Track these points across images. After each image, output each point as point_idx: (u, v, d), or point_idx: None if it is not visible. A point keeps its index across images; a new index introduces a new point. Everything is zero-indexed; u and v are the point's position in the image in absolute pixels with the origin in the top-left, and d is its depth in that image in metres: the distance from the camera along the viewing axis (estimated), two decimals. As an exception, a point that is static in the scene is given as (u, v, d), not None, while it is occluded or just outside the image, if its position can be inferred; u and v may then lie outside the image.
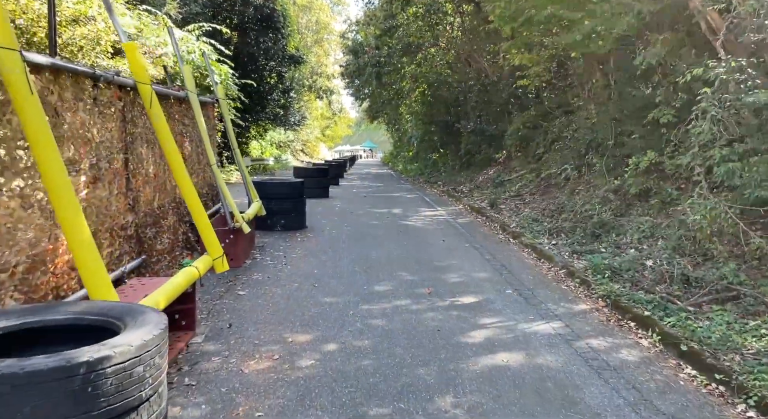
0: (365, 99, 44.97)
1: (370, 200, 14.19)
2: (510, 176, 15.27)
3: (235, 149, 7.69)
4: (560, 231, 8.43)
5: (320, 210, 11.62)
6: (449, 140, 25.45)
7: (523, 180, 13.70)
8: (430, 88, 24.42)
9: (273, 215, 8.63)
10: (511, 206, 11.64)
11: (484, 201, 12.97)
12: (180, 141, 5.91)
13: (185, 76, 5.79)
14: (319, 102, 56.48)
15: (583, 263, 6.66)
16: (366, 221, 10.25)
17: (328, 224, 9.73)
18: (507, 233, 8.91)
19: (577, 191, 10.32)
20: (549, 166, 12.61)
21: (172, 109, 5.55)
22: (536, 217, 9.71)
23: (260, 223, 8.47)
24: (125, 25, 13.76)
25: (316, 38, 50.70)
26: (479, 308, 5.05)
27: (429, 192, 17.60)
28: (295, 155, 52.50)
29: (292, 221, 8.82)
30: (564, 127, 13.07)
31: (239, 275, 5.96)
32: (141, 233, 4.36)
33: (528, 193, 12.37)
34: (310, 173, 14.18)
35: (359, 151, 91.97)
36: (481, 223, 10.34)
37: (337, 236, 8.52)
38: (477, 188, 16.04)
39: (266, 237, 8.23)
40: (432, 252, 7.47)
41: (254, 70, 25.35)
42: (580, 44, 8.88)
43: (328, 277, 6.01)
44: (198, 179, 6.55)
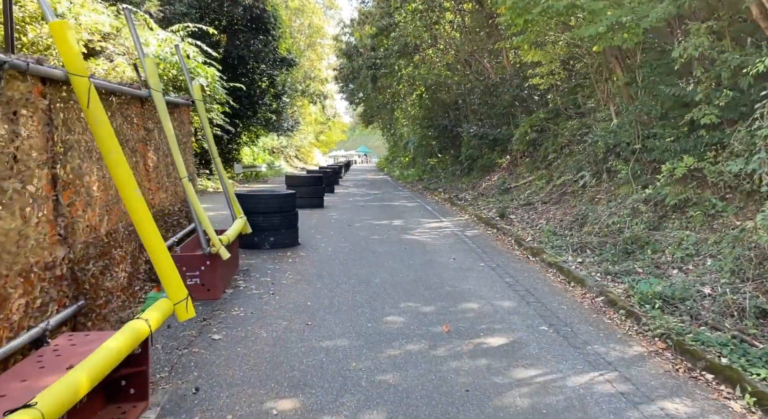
0: (360, 103, 44.16)
1: (368, 210, 13.20)
2: (517, 182, 14.33)
3: (215, 157, 6.69)
4: (585, 247, 7.47)
5: (315, 223, 10.62)
6: (448, 145, 24.53)
7: (533, 187, 12.76)
8: (427, 91, 23.52)
9: (261, 232, 7.63)
10: (522, 216, 10.68)
11: (492, 210, 12.00)
12: (142, 150, 4.91)
13: (147, 72, 4.79)
14: (312, 107, 55.57)
15: (621, 288, 5.70)
16: (365, 235, 9.26)
17: (324, 239, 8.73)
18: (524, 249, 7.94)
19: (596, 199, 9.38)
20: (561, 172, 11.67)
21: (129, 110, 4.55)
22: (554, 229, 8.75)
23: (246, 241, 7.48)
24: (100, 23, 12.77)
25: (309, 42, 49.83)
26: (512, 353, 4.07)
27: (430, 200, 16.63)
28: (289, 161, 51.48)
29: (283, 238, 7.82)
30: (576, 130, 12.15)
31: (217, 311, 4.95)
32: (78, 270, 3.36)
33: (539, 201, 11.42)
34: (303, 181, 13.19)
35: (354, 156, 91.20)
36: (492, 236, 9.37)
37: (334, 254, 7.52)
38: (481, 195, 15.09)
39: (253, 257, 7.22)
40: (443, 274, 6.49)
41: (244, 74, 24.38)
42: (602, 37, 7.95)
43: (324, 311, 5.01)
44: (168, 194, 5.54)
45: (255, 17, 22.58)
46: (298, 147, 58.56)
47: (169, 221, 5.51)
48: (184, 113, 6.32)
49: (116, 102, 4.31)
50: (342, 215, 12.01)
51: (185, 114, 6.37)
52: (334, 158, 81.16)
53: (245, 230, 6.88)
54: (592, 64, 10.75)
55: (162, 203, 5.33)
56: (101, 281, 3.70)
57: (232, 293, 5.53)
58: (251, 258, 7.17)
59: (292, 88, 42.84)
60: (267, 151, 40.39)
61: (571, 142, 12.31)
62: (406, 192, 20.23)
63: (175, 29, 17.63)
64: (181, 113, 6.13)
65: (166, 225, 5.41)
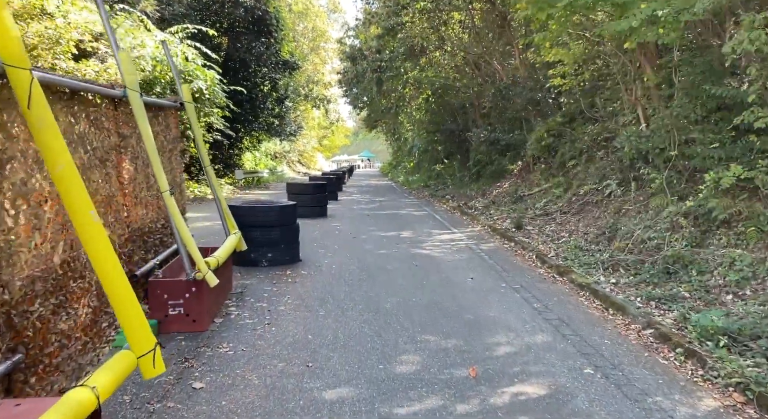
0: (363, 108, 43.53)
1: (374, 220, 12.47)
2: (531, 190, 13.58)
3: (207, 166, 5.97)
4: (618, 265, 6.72)
5: (317, 235, 9.89)
6: (455, 150, 23.83)
7: (549, 195, 12.01)
8: (434, 95, 22.83)
9: (258, 248, 6.91)
10: (541, 227, 9.92)
11: (506, 220, 11.25)
12: (117, 160, 4.19)
13: (122, 68, 4.08)
14: (315, 111, 55.00)
15: (671, 317, 4.94)
16: (372, 249, 8.52)
17: (327, 254, 7.99)
18: (548, 267, 7.19)
19: (623, 211, 8.63)
20: (582, 180, 10.92)
21: (98, 113, 3.83)
22: (580, 244, 7.99)
23: (242, 258, 6.75)
24: (91, 22, 12.11)
25: (312, 46, 49.29)
26: (557, 409, 3.32)
27: (438, 208, 15.89)
28: (292, 166, 50.87)
29: (282, 255, 7.08)
30: (596, 134, 11.41)
31: (202, 347, 4.21)
32: (16, 314, 2.63)
33: (558, 211, 10.67)
34: (305, 189, 12.48)
35: (357, 161, 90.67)
36: (510, 250, 8.61)
37: (338, 273, 6.78)
38: (492, 203, 14.34)
39: (248, 277, 6.48)
40: (461, 297, 5.74)
41: (246, 77, 23.75)
42: (635, 33, 7.22)
43: (327, 347, 4.27)
44: (149, 210, 4.82)
45: (257, 19, 21.95)
46: (301, 152, 57.99)
47: (150, 241, 4.78)
48: (171, 116, 5.61)
49: (80, 103, 3.60)
50: (346, 226, 11.28)
51: (172, 118, 5.66)
52: (337, 163, 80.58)
53: (240, 247, 6.15)
54: (616, 64, 10.02)
55: (141, 220, 4.61)
56: (52, 324, 2.97)
57: (222, 324, 4.79)
58: (247, 278, 6.44)
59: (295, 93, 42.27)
60: (269, 156, 39.76)
61: (591, 148, 11.57)
62: (412, 199, 19.50)
63: (173, 31, 17.00)
64: (166, 116, 5.42)
65: (146, 246, 4.69)
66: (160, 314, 4.48)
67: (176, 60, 15.59)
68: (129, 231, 4.31)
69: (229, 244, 5.57)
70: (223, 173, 24.64)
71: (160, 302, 4.48)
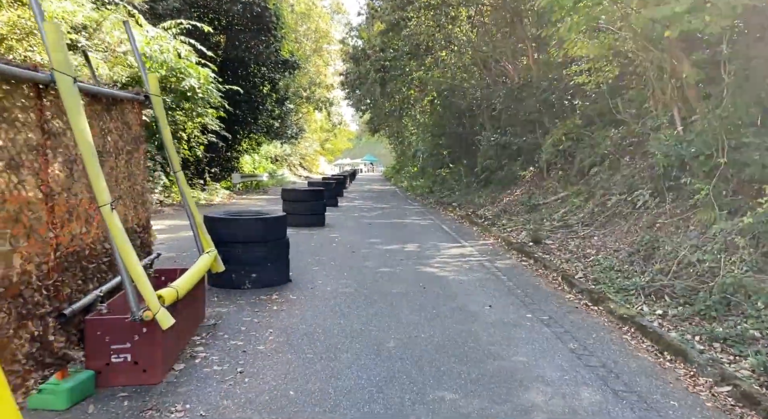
0: (366, 111, 42.65)
1: (376, 230, 11.48)
2: (546, 198, 12.57)
3: (177, 171, 4.99)
4: (662, 292, 5.71)
5: (312, 247, 8.90)
6: (462, 154, 22.83)
7: (567, 205, 11.00)
8: (439, 96, 21.86)
9: (240, 267, 5.93)
10: (562, 241, 8.91)
11: (522, 233, 10.24)
12: (40, 163, 3.21)
13: (48, 43, 3.11)
14: (318, 114, 54.14)
15: (746, 367, 3.94)
16: (373, 266, 7.53)
17: (322, 273, 7.00)
18: (578, 292, 6.18)
19: (658, 225, 7.62)
20: (606, 188, 9.91)
21: (7, 102, 2.86)
22: (610, 263, 6.99)
23: (221, 278, 5.78)
24: (70, 12, 11.18)
25: (315, 47, 48.43)
26: None
27: (444, 217, 14.89)
28: (293, 170, 49.97)
29: (269, 275, 6.09)
30: (621, 138, 10.41)
31: (147, 411, 3.21)
32: None
33: (579, 223, 9.66)
34: (301, 195, 11.50)
35: (360, 165, 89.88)
36: (530, 269, 7.61)
37: (333, 298, 5.79)
38: (504, 212, 13.33)
39: (227, 302, 5.50)
40: (480, 333, 4.74)
41: (245, 77, 22.85)
42: (677, 20, 6.24)
43: (313, 408, 3.27)
44: (92, 227, 3.83)
45: (255, 16, 21.04)
46: (303, 155, 57.12)
47: (92, 267, 3.80)
48: (131, 111, 4.64)
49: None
50: (345, 237, 10.28)
51: (132, 113, 4.69)
52: (339, 167, 79.72)
53: (216, 268, 5.17)
54: (645, 60, 9.02)
55: (78, 241, 3.62)
56: None
57: (183, 372, 3.80)
58: (224, 304, 5.45)
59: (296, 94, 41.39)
60: (269, 159, 38.84)
61: (613, 153, 10.56)
62: (416, 206, 18.51)
63: (166, 26, 16.08)
64: (123, 110, 4.44)
65: (85, 273, 3.71)
66: (100, 362, 3.50)
67: (168, 56, 14.69)
68: (57, 256, 3.33)
69: (199, 267, 4.59)
70: (220, 176, 23.70)
71: (101, 347, 3.50)
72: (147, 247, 4.93)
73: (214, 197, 18.80)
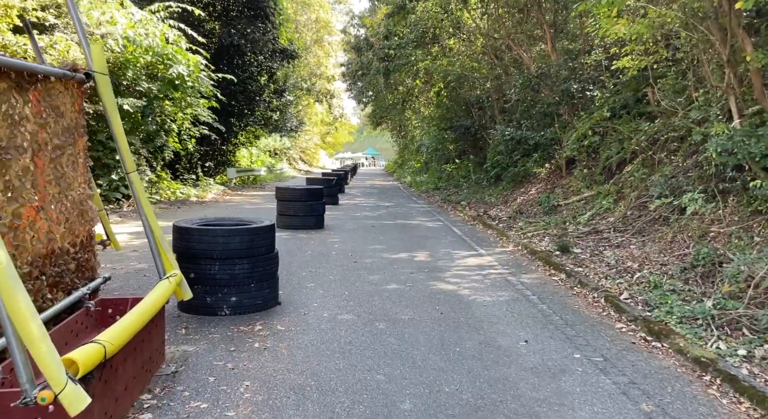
0: (368, 103, 41.45)
1: (380, 233, 10.37)
2: (567, 198, 11.45)
3: (130, 171, 3.87)
4: (738, 322, 4.60)
5: (309, 256, 7.79)
6: (469, 149, 21.70)
7: (594, 207, 9.87)
8: (446, 88, 20.68)
9: (216, 289, 4.82)
10: (593, 250, 7.79)
11: (544, 238, 9.13)
12: None
13: None
14: (318, 107, 52.94)
15: None
16: (379, 282, 6.42)
17: (317, 292, 5.89)
18: (630, 319, 5.06)
19: (712, 234, 6.51)
20: (640, 189, 8.78)
21: None
22: (658, 280, 5.87)
23: (195, 302, 4.68)
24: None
25: (315, 38, 47.14)
26: None
27: (454, 217, 13.77)
28: (293, 164, 48.83)
29: (252, 298, 4.98)
30: (657, 132, 9.26)
31: None
32: None
33: (611, 229, 8.54)
34: (298, 195, 10.37)
35: (361, 158, 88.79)
36: (563, 286, 6.49)
37: (331, 330, 4.68)
38: (519, 213, 12.21)
39: (196, 337, 4.39)
40: (521, 386, 3.63)
41: (241, 66, 21.66)
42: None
43: None
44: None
45: (252, 1, 19.83)
46: (303, 149, 55.96)
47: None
48: (63, 93, 3.51)
49: None
50: (346, 242, 9.17)
51: (66, 96, 3.56)
52: (340, 161, 78.56)
53: (181, 295, 4.05)
54: (689, 43, 7.87)
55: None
56: None
57: (116, 459, 2.69)
58: (193, 338, 4.34)
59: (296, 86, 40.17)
60: (268, 153, 37.68)
61: (647, 149, 9.43)
62: (422, 205, 17.38)
63: (154, 9, 14.90)
64: (49, 92, 3.32)
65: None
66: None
67: (154, 40, 13.53)
68: None
69: (155, 298, 3.46)
70: (215, 171, 22.58)
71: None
72: (87, 271, 3.82)
73: (207, 194, 17.69)
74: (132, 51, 12.73)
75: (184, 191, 16.41)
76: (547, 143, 13.02)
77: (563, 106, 12.73)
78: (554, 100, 12.38)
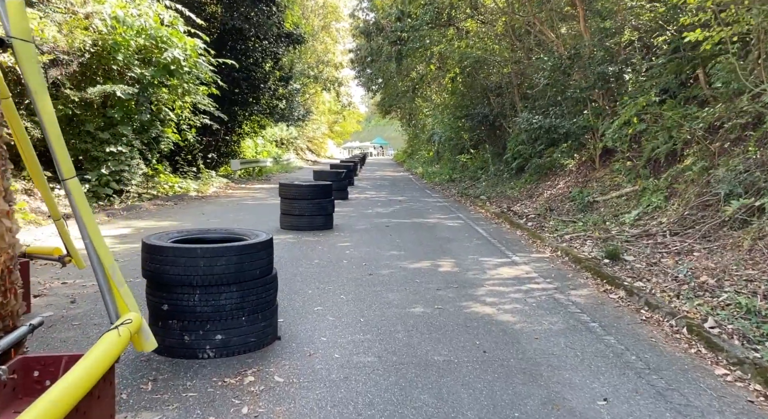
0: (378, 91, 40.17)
1: (396, 235, 9.25)
2: (605, 193, 10.25)
3: (67, 177, 2.74)
4: None
5: (316, 266, 6.69)
6: (486, 139, 20.47)
7: (641, 204, 8.69)
8: (462, 73, 19.39)
9: (197, 325, 3.74)
10: (650, 258, 6.62)
11: (586, 242, 7.97)
12: None
13: None
14: (326, 95, 51.69)
15: None
16: (401, 302, 5.31)
17: (327, 319, 4.79)
18: (732, 363, 3.90)
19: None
20: (701, 185, 7.57)
21: None
22: (753, 304, 4.70)
23: (170, 341, 3.61)
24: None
25: (323, 24, 45.76)
26: None
27: (475, 214, 12.62)
28: (300, 154, 47.73)
29: (243, 335, 3.88)
30: (717, 119, 8.02)
31: None
32: None
33: (666, 231, 7.36)
34: (303, 193, 9.25)
35: (369, 148, 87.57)
36: (624, 307, 5.33)
37: (344, 381, 3.57)
38: (549, 210, 11.04)
39: (166, 392, 3.30)
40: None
41: (244, 52, 20.50)
42: None
43: None
44: None
45: (255, -19, 18.63)
46: (311, 138, 54.80)
47: None
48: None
49: None
50: (359, 247, 8.06)
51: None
52: (348, 150, 77.36)
53: (141, 346, 2.94)
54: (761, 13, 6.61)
55: None
56: None
57: None
58: (160, 398, 3.25)
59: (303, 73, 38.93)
60: (274, 143, 36.57)
61: (705, 137, 8.20)
62: (437, 199, 16.23)
63: (148, -12, 13.75)
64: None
65: None
66: None
67: (147, 21, 12.40)
68: None
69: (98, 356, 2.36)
70: (218, 162, 21.53)
71: None
72: (7, 319, 2.73)
73: (208, 188, 16.63)
74: (122, 32, 11.61)
75: (183, 185, 15.35)
76: (578, 131, 11.79)
77: (598, 90, 11.47)
78: (589, 83, 11.12)
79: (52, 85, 10.51)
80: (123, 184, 12.03)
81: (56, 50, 9.95)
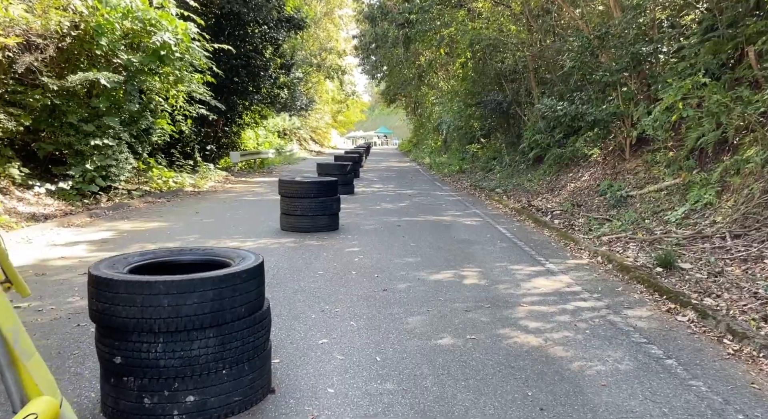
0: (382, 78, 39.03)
1: (409, 238, 8.28)
2: (640, 187, 9.24)
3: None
4: None
5: (320, 278, 5.72)
6: (498, 127, 19.40)
7: (688, 200, 7.67)
8: (473, 58, 18.29)
9: (163, 383, 2.78)
10: (711, 267, 5.62)
11: (629, 245, 6.98)
12: None
13: None
14: (329, 84, 50.52)
15: None
16: (423, 330, 4.35)
17: (334, 359, 3.83)
18: None
19: None
20: (766, 177, 6.54)
21: None
22: None
23: (123, 406, 2.65)
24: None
25: (326, 10, 44.49)
26: None
27: (492, 210, 11.62)
28: (303, 144, 46.68)
29: (224, 393, 2.92)
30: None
31: None
32: None
33: (725, 233, 6.35)
34: (307, 191, 8.27)
35: (373, 137, 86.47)
36: (700, 334, 4.35)
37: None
38: (576, 206, 10.04)
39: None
40: None
41: (243, 38, 19.44)
42: None
43: None
44: None
45: (252, -39, 17.51)
46: (314, 128, 53.69)
47: None
48: None
49: None
50: (369, 252, 7.09)
51: None
52: (352, 140, 76.23)
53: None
54: None
55: None
56: None
57: None
58: None
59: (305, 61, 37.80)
60: (276, 133, 35.54)
61: (763, 124, 7.16)
62: (449, 192, 15.23)
63: (135, -32, 12.69)
64: None
65: None
66: None
67: (135, 3, 11.38)
68: None
69: None
70: (217, 154, 20.56)
71: None
72: None
73: (205, 182, 15.67)
74: (105, 14, 10.59)
75: (178, 179, 14.41)
76: (607, 118, 10.74)
77: (629, 73, 10.40)
78: (621, 65, 10.03)
79: (27, 72, 9.53)
80: (110, 180, 11.09)
81: (29, 33, 8.98)
